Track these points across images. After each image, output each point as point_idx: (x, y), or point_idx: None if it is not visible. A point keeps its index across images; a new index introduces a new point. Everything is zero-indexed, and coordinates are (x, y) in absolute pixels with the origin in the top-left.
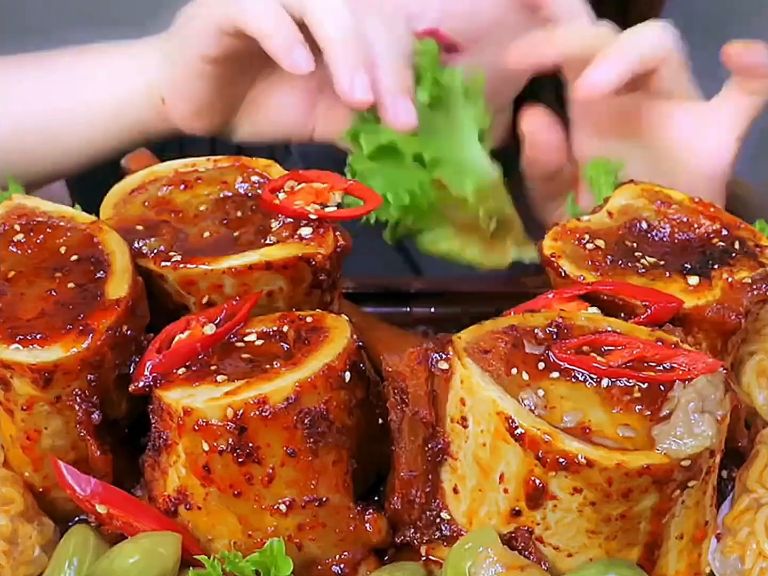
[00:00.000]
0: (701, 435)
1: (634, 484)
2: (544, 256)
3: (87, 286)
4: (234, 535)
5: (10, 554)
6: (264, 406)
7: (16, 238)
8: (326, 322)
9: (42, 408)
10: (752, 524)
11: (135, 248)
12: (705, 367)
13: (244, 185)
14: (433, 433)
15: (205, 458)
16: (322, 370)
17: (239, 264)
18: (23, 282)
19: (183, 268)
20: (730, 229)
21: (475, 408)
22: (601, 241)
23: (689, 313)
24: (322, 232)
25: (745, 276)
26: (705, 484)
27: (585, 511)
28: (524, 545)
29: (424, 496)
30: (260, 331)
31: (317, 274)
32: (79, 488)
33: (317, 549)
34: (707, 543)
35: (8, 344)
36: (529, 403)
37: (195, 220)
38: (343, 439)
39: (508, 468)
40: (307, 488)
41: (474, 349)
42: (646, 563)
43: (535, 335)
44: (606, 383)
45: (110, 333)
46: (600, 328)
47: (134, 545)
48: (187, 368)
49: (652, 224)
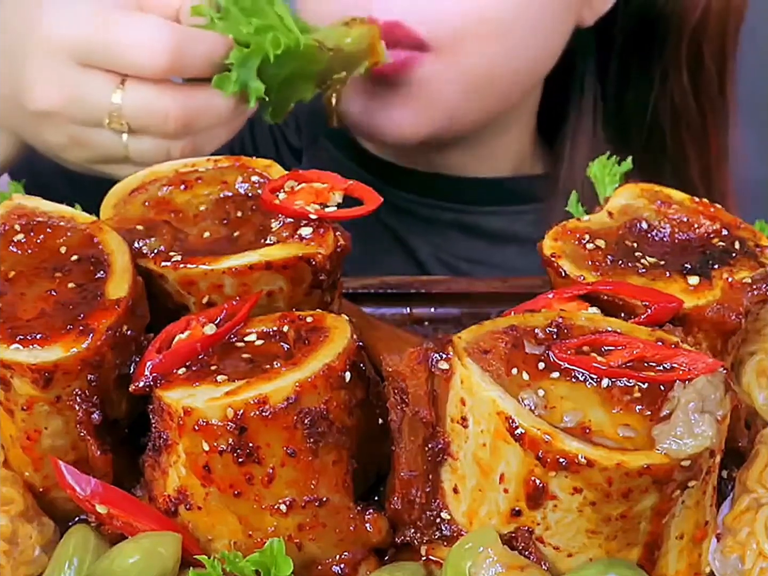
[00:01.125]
0: (701, 435)
1: (634, 484)
2: (544, 256)
3: (87, 286)
4: (234, 535)
5: (10, 554)
6: (264, 406)
7: (16, 238)
8: (326, 322)
9: (42, 408)
10: (752, 524)
11: (135, 248)
12: (705, 367)
13: (244, 185)
14: (433, 433)
15: (205, 458)
16: (322, 370)
17: (239, 264)
18: (23, 282)
19: (183, 268)
20: (730, 229)
21: (475, 408)
22: (602, 241)
23: (689, 313)
24: (322, 232)
25: (745, 276)
26: (705, 484)
27: (585, 511)
28: (524, 545)
29: (424, 496)
30: (260, 331)
31: (317, 274)
32: (79, 488)
33: (317, 549)
34: (707, 543)
35: (8, 344)
36: (529, 403)
37: (195, 220)
38: (343, 439)
39: (508, 468)
40: (307, 488)
41: (474, 349)
42: (646, 563)
43: (535, 335)
44: (606, 383)
45: (110, 333)
46: (600, 328)
47: (134, 545)
48: (187, 368)
49: (652, 224)
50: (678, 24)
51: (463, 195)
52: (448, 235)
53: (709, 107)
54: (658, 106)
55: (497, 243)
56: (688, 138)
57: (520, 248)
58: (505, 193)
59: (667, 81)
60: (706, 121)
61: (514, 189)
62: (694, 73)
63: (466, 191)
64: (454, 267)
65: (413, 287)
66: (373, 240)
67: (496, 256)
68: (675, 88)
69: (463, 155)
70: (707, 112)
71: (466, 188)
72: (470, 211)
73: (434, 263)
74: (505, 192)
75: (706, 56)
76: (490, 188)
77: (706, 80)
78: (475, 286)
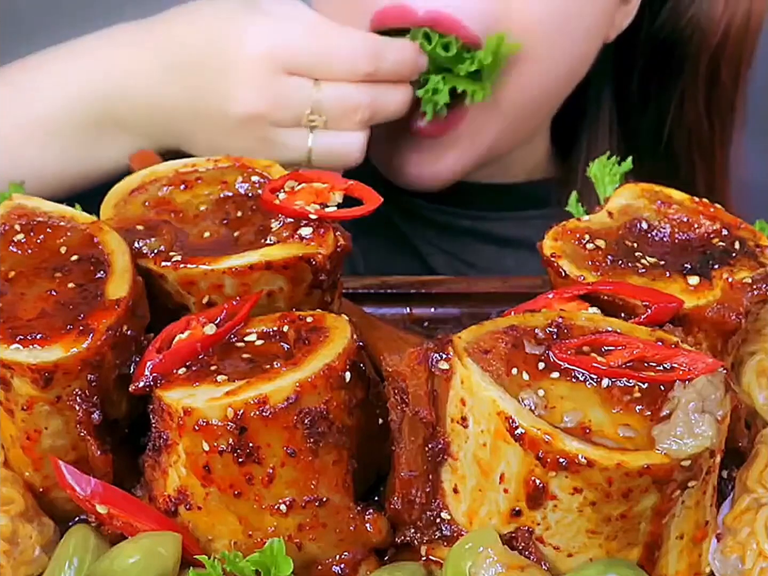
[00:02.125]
0: (701, 435)
1: (634, 484)
2: (544, 256)
3: (87, 286)
4: (234, 535)
5: (10, 554)
6: (264, 406)
7: (16, 238)
8: (326, 322)
9: (42, 408)
10: (752, 524)
11: (135, 248)
12: (705, 367)
13: (244, 185)
14: (433, 433)
15: (206, 458)
16: (322, 370)
17: (239, 264)
18: (23, 282)
19: (183, 268)
20: (730, 229)
21: (475, 408)
22: (602, 241)
23: (689, 313)
24: (322, 232)
25: (745, 276)
26: (705, 484)
27: (585, 511)
28: (524, 545)
29: (424, 496)
30: (260, 331)
31: (317, 274)
32: (79, 488)
33: (317, 549)
34: (707, 543)
35: (8, 344)
36: (529, 403)
37: (195, 220)
38: (343, 439)
39: (508, 468)
40: (307, 488)
41: (474, 349)
42: (647, 563)
43: (535, 335)
44: (606, 383)
45: (110, 333)
46: (600, 328)
47: (134, 545)
48: (188, 368)
49: (652, 224)
50: (698, 44)
51: (478, 201)
52: (462, 241)
53: (719, 123)
54: (674, 125)
55: (508, 248)
56: (698, 154)
57: (531, 253)
58: (519, 198)
59: (683, 101)
60: (714, 136)
61: (527, 194)
62: (710, 92)
63: (481, 197)
64: (464, 274)
65: (413, 287)
66: (387, 246)
67: (507, 260)
68: (690, 106)
69: (484, 167)
70: (717, 128)
71: (480, 194)
72: (484, 217)
73: (446, 270)
74: (519, 197)
75: (722, 76)
76: (503, 194)
77: (720, 98)
78: (475, 286)
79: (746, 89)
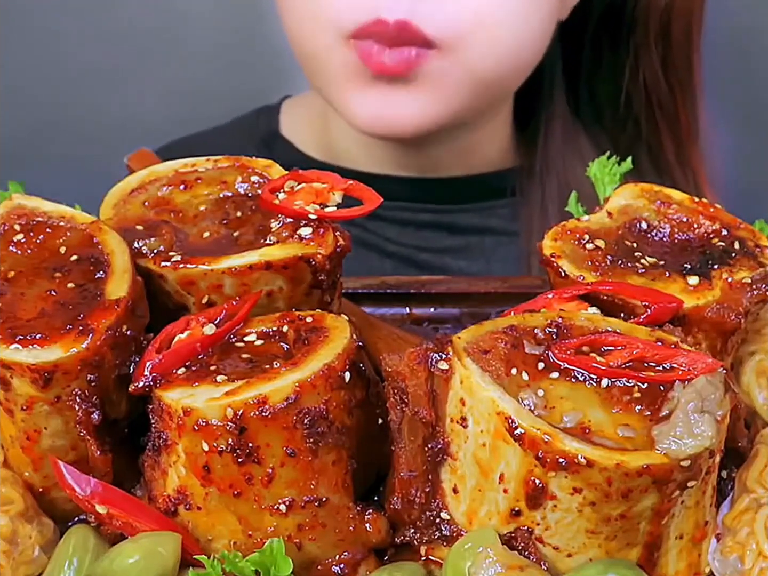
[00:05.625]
0: (701, 435)
1: (633, 484)
2: (544, 256)
3: (87, 286)
4: (234, 535)
5: (10, 554)
6: (264, 406)
7: (16, 238)
8: (326, 322)
9: (42, 408)
10: (752, 524)
11: (135, 248)
12: (705, 367)
13: (244, 185)
14: (433, 433)
15: (205, 458)
16: (322, 370)
17: (239, 264)
18: (23, 282)
19: (183, 268)
20: (730, 229)
21: (474, 408)
22: (601, 241)
23: (689, 313)
24: (322, 232)
25: (745, 276)
26: (705, 484)
27: (585, 511)
28: (524, 545)
29: (423, 496)
30: (260, 331)
31: (317, 274)
32: (79, 488)
33: (317, 549)
34: (707, 543)
35: (8, 344)
36: (529, 403)
37: (195, 220)
38: (343, 439)
39: (507, 468)
40: (307, 488)
41: (474, 349)
42: (646, 563)
43: (535, 335)
44: (606, 383)
45: (110, 333)
46: (600, 328)
47: (134, 545)
48: (187, 368)
49: (652, 224)
50: (646, 3)
51: (440, 196)
52: (423, 235)
53: (677, 84)
54: (630, 87)
55: (474, 236)
56: (661, 117)
57: (497, 239)
58: (481, 190)
59: (637, 61)
60: (676, 99)
61: (490, 185)
62: (664, 50)
63: (442, 192)
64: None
65: (413, 287)
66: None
67: (476, 246)
68: (646, 67)
69: (445, 151)
70: (677, 89)
71: (440, 189)
72: (447, 210)
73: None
74: (481, 189)
75: (674, 32)
76: (465, 186)
77: (675, 57)
78: (474, 286)
79: (701, 45)
